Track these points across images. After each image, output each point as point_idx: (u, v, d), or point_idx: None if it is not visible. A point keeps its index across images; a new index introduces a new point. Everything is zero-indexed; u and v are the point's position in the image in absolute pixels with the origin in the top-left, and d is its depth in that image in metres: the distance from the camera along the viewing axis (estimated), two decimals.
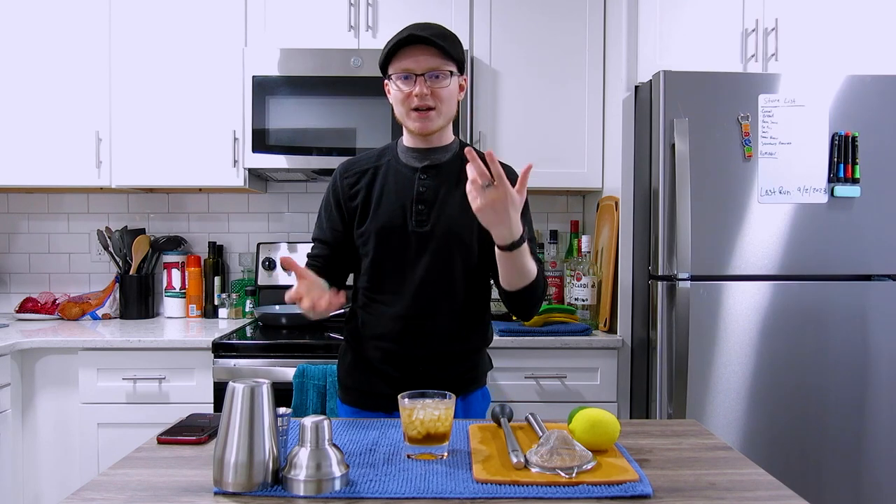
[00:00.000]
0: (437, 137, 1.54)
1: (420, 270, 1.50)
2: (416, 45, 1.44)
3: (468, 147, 1.29)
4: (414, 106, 1.46)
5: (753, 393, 2.18)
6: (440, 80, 1.45)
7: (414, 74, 1.44)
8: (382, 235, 1.51)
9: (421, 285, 1.51)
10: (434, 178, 1.53)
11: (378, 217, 1.52)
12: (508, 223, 1.28)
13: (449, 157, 1.55)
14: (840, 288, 2.20)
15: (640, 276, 2.33)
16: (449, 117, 1.51)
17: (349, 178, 1.57)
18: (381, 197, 1.53)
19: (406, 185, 1.52)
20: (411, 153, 1.55)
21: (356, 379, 1.60)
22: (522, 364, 2.31)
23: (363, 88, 2.51)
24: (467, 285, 1.53)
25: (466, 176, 1.51)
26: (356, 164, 1.59)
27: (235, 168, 2.60)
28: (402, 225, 1.50)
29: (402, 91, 1.46)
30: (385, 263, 1.53)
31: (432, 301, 1.51)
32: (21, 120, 2.59)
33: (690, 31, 2.42)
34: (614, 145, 2.51)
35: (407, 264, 1.51)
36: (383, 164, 1.56)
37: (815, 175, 2.19)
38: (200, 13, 2.60)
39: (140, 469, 1.13)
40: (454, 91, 1.50)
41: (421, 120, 1.47)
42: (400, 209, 1.51)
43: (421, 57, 1.44)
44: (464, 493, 1.02)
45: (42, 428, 2.33)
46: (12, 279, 2.97)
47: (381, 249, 1.52)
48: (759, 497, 1.03)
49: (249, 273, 2.92)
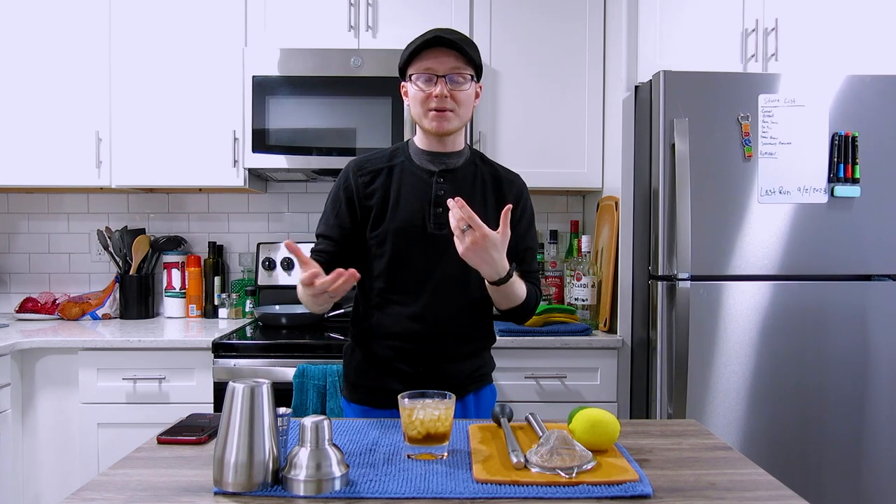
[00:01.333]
0: (451, 142, 1.56)
1: (437, 272, 1.53)
2: (439, 48, 1.47)
3: (452, 200, 1.32)
4: (433, 106, 1.48)
5: (753, 393, 2.18)
6: (460, 84, 1.49)
7: (435, 75, 1.47)
8: (400, 237, 1.53)
9: (438, 286, 1.54)
10: (451, 182, 1.55)
11: (396, 218, 1.53)
12: (492, 263, 1.36)
13: (462, 163, 1.59)
14: (840, 288, 2.20)
15: (640, 276, 2.33)
16: (465, 121, 1.55)
17: (364, 177, 1.57)
18: (399, 198, 1.54)
19: (423, 188, 1.54)
20: (425, 156, 1.57)
21: (367, 377, 1.60)
22: (522, 364, 2.31)
23: (363, 88, 2.52)
24: (479, 286, 1.56)
25: (481, 182, 1.59)
26: (369, 162, 1.60)
27: (235, 168, 2.60)
28: (421, 227, 1.53)
29: (423, 91, 1.48)
30: (402, 264, 1.54)
31: (448, 301, 1.55)
32: (21, 120, 2.59)
33: (690, 31, 2.42)
34: (614, 145, 2.51)
35: (424, 266, 1.53)
36: (397, 164, 1.58)
37: (815, 175, 2.19)
38: (200, 13, 2.60)
39: (140, 469, 1.13)
40: (472, 96, 1.53)
41: (438, 120, 1.49)
42: (419, 211, 1.53)
43: (444, 59, 1.47)
44: (464, 493, 1.02)
45: (42, 428, 2.33)
46: (12, 279, 2.97)
47: (398, 250, 1.54)
48: (759, 497, 1.03)
49: (249, 273, 2.92)
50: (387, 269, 1.55)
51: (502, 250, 1.36)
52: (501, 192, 1.59)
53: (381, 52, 2.54)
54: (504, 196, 1.59)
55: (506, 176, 1.62)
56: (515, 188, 1.62)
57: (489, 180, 1.60)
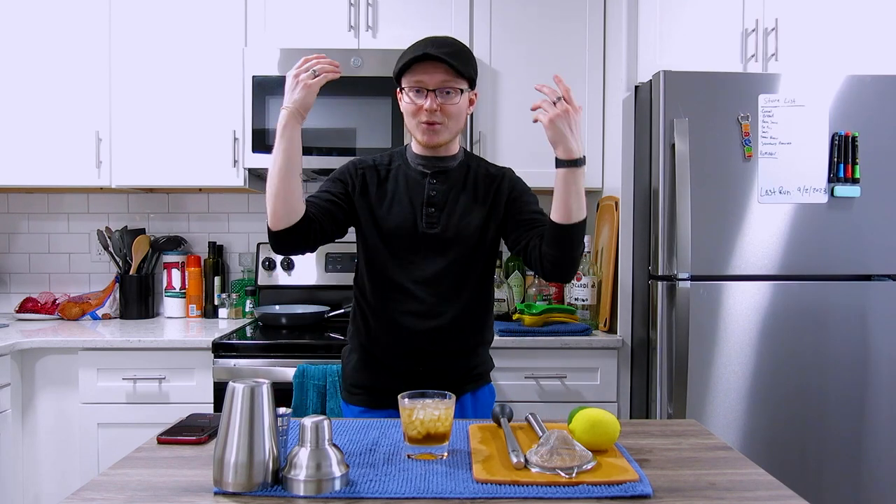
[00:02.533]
0: (445, 148, 1.59)
1: (430, 271, 1.55)
2: (430, 61, 1.48)
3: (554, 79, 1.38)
4: (424, 120, 1.51)
5: (753, 393, 2.18)
6: (450, 97, 1.50)
7: (426, 89, 1.49)
8: (393, 236, 1.55)
9: (431, 285, 1.55)
10: (443, 182, 1.58)
11: (389, 218, 1.56)
12: (574, 137, 1.38)
13: (456, 165, 1.62)
14: (840, 288, 2.20)
15: (640, 276, 2.33)
16: (456, 132, 1.57)
17: (363, 172, 1.60)
18: (393, 198, 1.57)
19: (416, 189, 1.57)
20: (420, 160, 1.61)
21: (365, 377, 1.61)
22: (522, 364, 2.31)
23: (363, 88, 2.52)
24: (475, 284, 1.59)
25: (472, 180, 1.60)
26: (368, 161, 1.63)
27: (235, 168, 2.60)
28: (413, 227, 1.55)
29: (414, 104, 1.51)
30: (395, 263, 1.56)
31: (442, 300, 1.56)
32: (21, 120, 2.59)
33: (690, 31, 2.42)
34: (614, 145, 2.51)
35: (417, 265, 1.55)
36: (394, 167, 1.62)
37: (815, 175, 2.19)
38: (200, 13, 2.60)
39: (140, 469, 1.13)
40: (463, 107, 1.55)
41: (428, 133, 1.53)
42: (410, 212, 1.56)
43: (434, 72, 1.48)
44: (464, 493, 1.02)
45: (42, 428, 2.33)
46: (12, 279, 2.97)
47: (391, 250, 1.56)
48: (759, 497, 1.03)
49: (249, 273, 2.92)
50: (381, 269, 1.57)
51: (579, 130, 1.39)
52: (491, 183, 1.62)
53: (381, 52, 2.54)
54: (498, 190, 1.61)
55: (496, 172, 1.65)
56: (505, 175, 1.64)
57: (480, 177, 1.62)
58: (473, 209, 1.58)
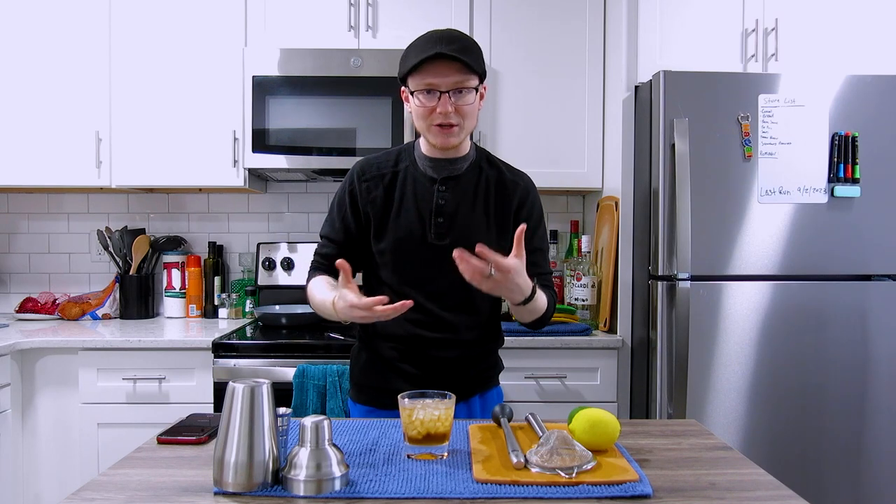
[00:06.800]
0: (456, 149, 1.52)
1: (439, 281, 1.50)
2: (440, 60, 1.39)
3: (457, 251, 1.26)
4: (438, 122, 1.43)
5: (753, 393, 2.18)
6: (464, 97, 1.42)
7: (438, 91, 1.41)
8: (401, 247, 1.52)
9: (440, 296, 1.52)
10: (453, 190, 1.52)
11: (397, 228, 1.52)
12: (517, 289, 1.34)
13: (467, 168, 1.55)
14: (840, 288, 2.20)
15: (640, 276, 2.33)
16: (470, 130, 1.50)
17: (367, 182, 1.54)
18: (401, 206, 1.52)
19: (425, 197, 1.52)
20: (429, 162, 1.54)
21: (373, 377, 1.60)
22: (522, 364, 2.31)
23: (363, 88, 2.52)
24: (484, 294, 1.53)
25: (483, 188, 1.54)
26: (373, 167, 1.56)
27: (235, 168, 2.60)
28: (422, 237, 1.51)
29: (426, 106, 1.42)
30: (405, 273, 1.53)
31: (451, 310, 1.53)
32: (21, 120, 2.59)
33: (690, 31, 2.42)
34: (614, 145, 2.51)
35: (426, 275, 1.51)
36: (401, 170, 1.55)
37: (815, 175, 2.19)
38: (200, 13, 2.60)
39: (140, 469, 1.13)
40: (477, 105, 1.48)
41: (443, 136, 1.45)
42: (419, 221, 1.51)
43: (446, 72, 1.39)
44: (464, 493, 1.02)
45: (42, 428, 2.33)
46: (12, 279, 2.97)
47: (400, 260, 1.53)
48: (759, 497, 1.03)
49: (249, 273, 2.92)
50: (390, 277, 1.54)
51: (523, 272, 1.32)
52: (505, 196, 1.56)
53: (381, 52, 2.53)
54: (509, 200, 1.55)
55: (511, 178, 1.57)
56: (521, 189, 1.57)
57: (493, 185, 1.55)
58: (483, 220, 1.52)
